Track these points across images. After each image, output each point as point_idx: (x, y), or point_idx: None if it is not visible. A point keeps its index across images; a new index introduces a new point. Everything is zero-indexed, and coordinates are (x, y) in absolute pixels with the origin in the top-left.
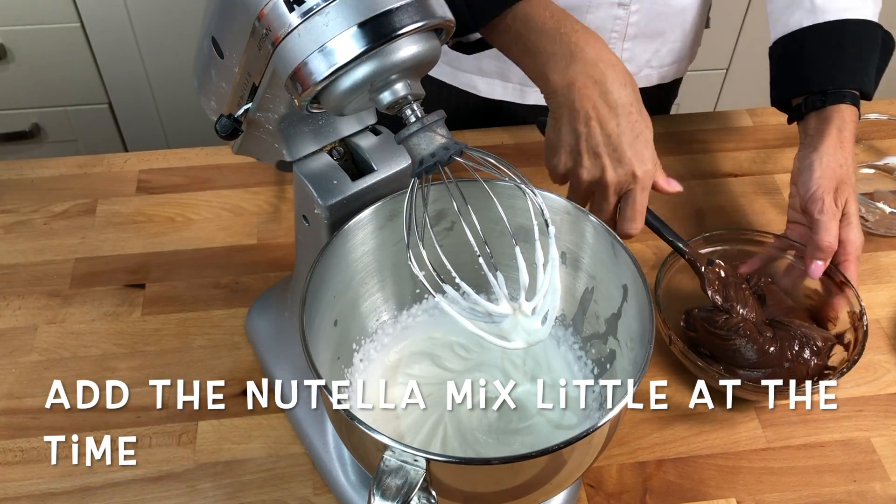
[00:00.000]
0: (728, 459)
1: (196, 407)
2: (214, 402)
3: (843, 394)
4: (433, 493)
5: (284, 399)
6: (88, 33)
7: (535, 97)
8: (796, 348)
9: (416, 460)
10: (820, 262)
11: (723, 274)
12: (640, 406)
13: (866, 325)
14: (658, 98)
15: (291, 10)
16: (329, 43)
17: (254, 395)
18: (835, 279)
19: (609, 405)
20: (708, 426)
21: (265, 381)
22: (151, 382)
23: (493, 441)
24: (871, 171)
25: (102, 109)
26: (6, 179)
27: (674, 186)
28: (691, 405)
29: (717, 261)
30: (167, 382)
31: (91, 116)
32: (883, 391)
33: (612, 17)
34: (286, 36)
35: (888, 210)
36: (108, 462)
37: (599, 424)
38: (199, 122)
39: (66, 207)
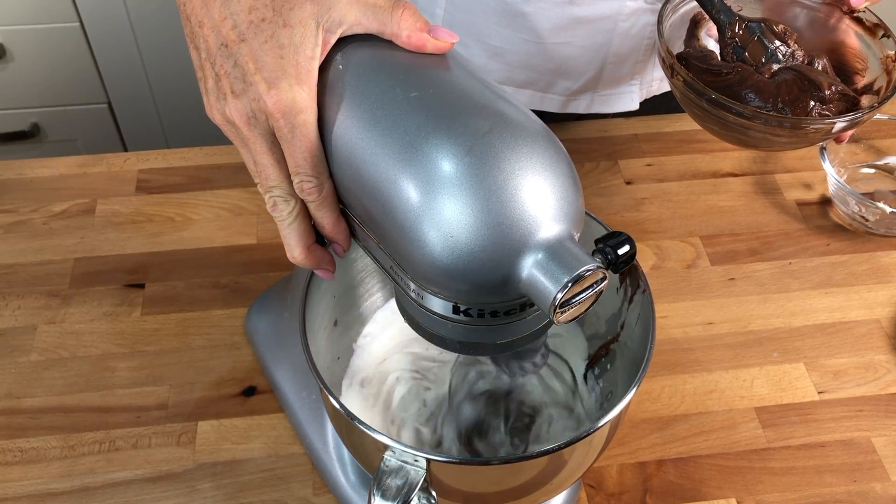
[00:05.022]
0: (728, 459)
1: (196, 407)
2: (214, 402)
3: (843, 394)
4: (433, 493)
5: (284, 399)
6: (88, 33)
7: (573, 107)
8: (796, 92)
9: (416, 460)
10: None
11: (739, 31)
12: (640, 406)
13: None
14: None
15: None
16: None
17: (254, 395)
18: (865, 23)
19: (609, 405)
20: (708, 426)
21: (265, 381)
22: (151, 382)
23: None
24: (872, 170)
25: (102, 109)
26: (6, 179)
27: (444, 37)
28: (692, 403)
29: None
30: (167, 382)
31: (91, 116)
32: (883, 391)
33: (644, 23)
34: None
35: (888, 210)
36: (108, 462)
37: (599, 424)
38: (199, 122)
39: (66, 207)
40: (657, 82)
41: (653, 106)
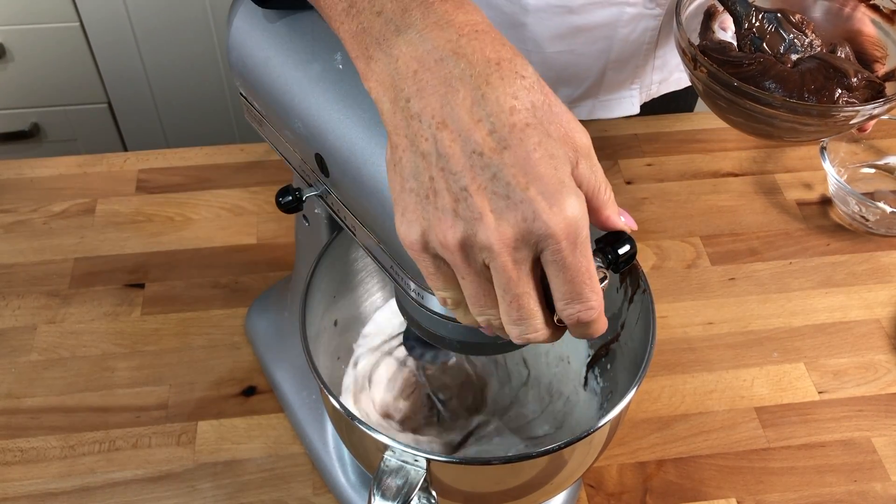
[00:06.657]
0: (728, 459)
1: (196, 407)
2: (214, 401)
3: (843, 394)
4: (433, 493)
5: (284, 399)
6: (88, 33)
7: (574, 114)
8: (822, 80)
9: (416, 460)
10: None
11: (756, 22)
12: (640, 406)
13: None
14: (685, 98)
15: None
16: None
17: (254, 395)
18: (882, 10)
19: (609, 405)
20: (708, 426)
21: (265, 381)
22: (151, 382)
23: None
24: (872, 170)
25: (102, 109)
26: (5, 179)
27: (629, 223)
28: (692, 403)
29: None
30: (167, 382)
31: (90, 116)
32: (883, 391)
33: (643, 28)
34: None
35: (888, 210)
36: (108, 462)
37: (599, 424)
38: (198, 122)
39: (66, 207)
40: (656, 85)
41: (651, 108)
